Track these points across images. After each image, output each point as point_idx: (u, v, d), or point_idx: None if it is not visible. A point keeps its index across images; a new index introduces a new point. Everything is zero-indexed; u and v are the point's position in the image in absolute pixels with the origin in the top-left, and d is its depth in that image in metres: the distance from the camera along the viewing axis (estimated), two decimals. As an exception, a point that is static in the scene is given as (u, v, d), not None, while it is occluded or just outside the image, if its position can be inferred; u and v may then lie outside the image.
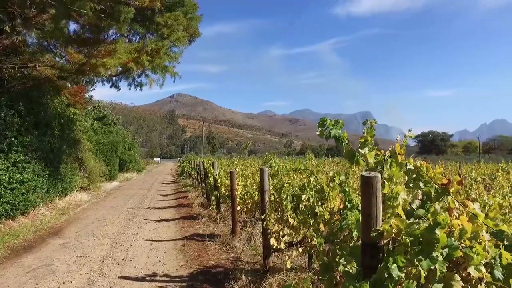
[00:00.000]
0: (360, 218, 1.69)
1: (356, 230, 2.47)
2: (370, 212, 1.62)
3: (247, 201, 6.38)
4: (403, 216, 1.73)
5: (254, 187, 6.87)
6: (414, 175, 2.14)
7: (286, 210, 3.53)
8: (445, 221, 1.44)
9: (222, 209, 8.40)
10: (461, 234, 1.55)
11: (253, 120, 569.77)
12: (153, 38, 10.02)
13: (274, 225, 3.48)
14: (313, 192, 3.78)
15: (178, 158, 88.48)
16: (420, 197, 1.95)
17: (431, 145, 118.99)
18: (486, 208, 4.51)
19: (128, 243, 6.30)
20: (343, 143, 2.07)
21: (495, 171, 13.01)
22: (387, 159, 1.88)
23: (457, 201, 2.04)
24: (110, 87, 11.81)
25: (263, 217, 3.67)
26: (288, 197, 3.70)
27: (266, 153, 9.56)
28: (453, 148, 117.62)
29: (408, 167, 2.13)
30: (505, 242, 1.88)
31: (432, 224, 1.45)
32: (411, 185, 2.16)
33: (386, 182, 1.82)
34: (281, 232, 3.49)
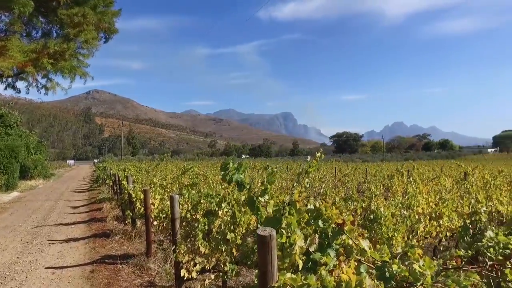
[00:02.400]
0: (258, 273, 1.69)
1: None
2: (266, 269, 1.64)
3: (163, 219, 6.10)
4: (300, 264, 1.78)
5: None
6: (315, 213, 2.24)
7: (197, 238, 3.44)
8: (331, 284, 1.51)
9: (138, 224, 7.93)
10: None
11: (176, 120, 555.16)
12: (58, 38, 8.99)
13: (184, 256, 3.36)
14: (226, 217, 3.76)
15: (95, 160, 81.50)
16: (317, 240, 2.04)
17: (345, 144, 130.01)
18: (382, 219, 4.98)
19: (23, 275, 5.45)
20: (245, 189, 2.06)
21: (393, 172, 14.69)
22: (285, 208, 1.92)
23: (351, 239, 2.19)
24: (6, 88, 10.31)
25: (173, 248, 3.54)
26: (200, 226, 3.61)
27: (185, 163, 9.27)
28: (363, 147, 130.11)
29: (309, 207, 2.21)
30: (387, 274, 2.08)
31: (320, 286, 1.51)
32: (312, 221, 2.26)
33: (284, 231, 1.86)
34: (192, 262, 3.39)
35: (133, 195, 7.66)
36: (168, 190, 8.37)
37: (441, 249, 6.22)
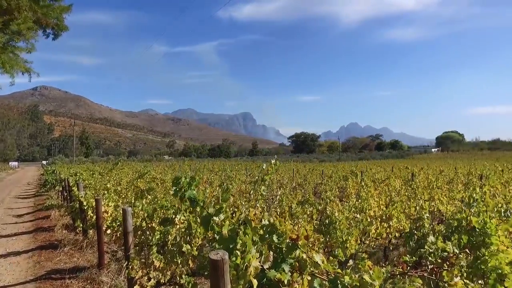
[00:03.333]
0: None
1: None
2: (219, 294, 1.62)
3: (117, 227, 5.84)
4: (255, 284, 1.78)
5: (127, 206, 6.37)
6: (269, 229, 2.26)
7: (152, 252, 3.34)
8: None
9: (91, 232, 7.53)
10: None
11: (133, 119, 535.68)
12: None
13: (138, 271, 3.24)
14: (181, 225, 3.69)
15: (43, 162, 75.95)
16: (271, 258, 2.06)
17: (303, 144, 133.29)
18: (337, 223, 5.15)
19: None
20: (199, 207, 2.03)
21: (348, 173, 15.30)
22: (240, 227, 1.92)
23: (305, 253, 2.24)
24: None
25: (125, 264, 3.40)
26: (154, 239, 3.51)
27: (143, 164, 8.97)
28: (320, 147, 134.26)
29: (264, 222, 2.23)
30: (339, 286, 2.16)
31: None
32: (267, 236, 2.28)
33: (238, 252, 1.85)
34: (146, 277, 3.28)
35: (85, 203, 7.26)
36: (123, 196, 8.05)
37: (391, 248, 6.58)
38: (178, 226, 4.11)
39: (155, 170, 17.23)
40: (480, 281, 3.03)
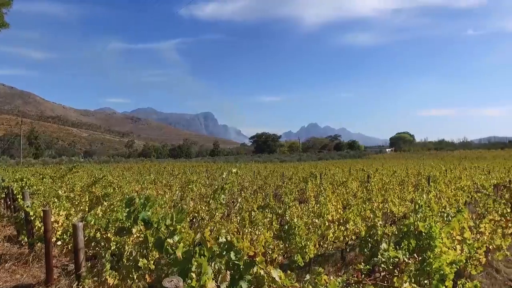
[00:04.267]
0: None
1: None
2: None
3: (69, 239, 5.49)
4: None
5: (80, 215, 6.04)
6: (227, 246, 2.24)
7: (105, 269, 3.17)
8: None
9: (38, 245, 7.01)
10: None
11: (89, 118, 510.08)
12: None
13: (89, 291, 3.07)
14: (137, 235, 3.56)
15: (-18, 164, 69.71)
16: (228, 277, 2.04)
17: (264, 144, 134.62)
18: (296, 229, 5.23)
19: None
20: (153, 228, 1.96)
21: (308, 175, 15.67)
22: (196, 249, 1.88)
23: (263, 269, 2.25)
24: None
25: (76, 284, 3.20)
26: (107, 256, 3.35)
27: (99, 166, 8.57)
28: (281, 148, 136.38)
29: (220, 240, 2.20)
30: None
31: None
32: (224, 253, 2.25)
33: (194, 274, 1.81)
34: (98, 297, 3.12)
35: (31, 213, 6.76)
36: (77, 203, 7.63)
37: (348, 250, 6.81)
38: (135, 236, 3.96)
39: (112, 174, 16.50)
40: (425, 281, 3.24)
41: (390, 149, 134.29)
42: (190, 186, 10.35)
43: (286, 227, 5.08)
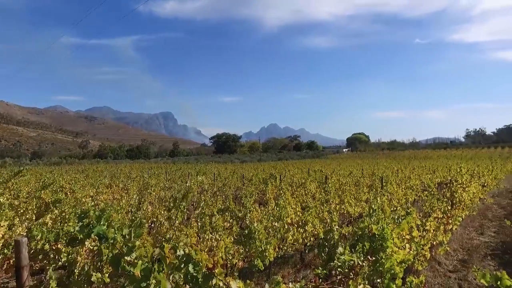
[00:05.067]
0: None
1: None
2: None
3: (9, 254, 5.07)
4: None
5: (26, 225, 5.61)
6: (185, 259, 2.20)
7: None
8: None
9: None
10: None
11: (38, 116, 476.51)
12: None
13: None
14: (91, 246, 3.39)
15: None
16: (187, 292, 2.00)
17: (224, 145, 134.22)
18: (256, 233, 5.25)
19: None
20: (110, 243, 1.87)
21: (268, 176, 15.85)
22: (154, 267, 1.82)
23: (222, 281, 2.23)
24: None
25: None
26: (50, 273, 3.14)
27: (50, 169, 8.05)
28: (242, 148, 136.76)
29: (178, 253, 2.16)
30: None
31: None
32: (182, 266, 2.21)
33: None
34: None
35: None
36: (22, 211, 7.11)
37: (307, 251, 6.97)
38: (88, 246, 3.76)
39: (64, 177, 15.53)
40: (378, 280, 3.41)
41: (347, 149, 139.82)
42: (148, 190, 10.05)
43: (246, 231, 5.10)
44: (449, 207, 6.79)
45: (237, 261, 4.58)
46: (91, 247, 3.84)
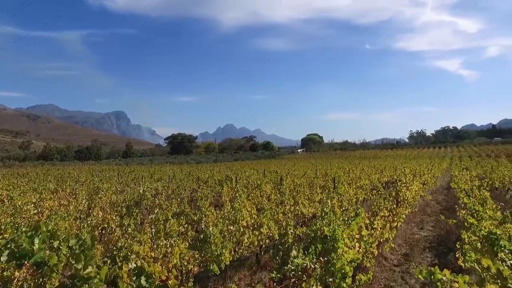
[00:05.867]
0: None
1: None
2: None
3: None
4: None
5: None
6: (137, 271, 2.14)
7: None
8: None
9: None
10: None
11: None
12: None
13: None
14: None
15: None
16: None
17: (180, 145, 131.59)
18: (212, 238, 5.22)
19: None
20: (54, 274, 1.74)
21: (224, 178, 15.83)
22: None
23: (176, 292, 2.21)
24: None
25: None
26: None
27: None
28: (198, 149, 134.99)
29: (130, 265, 2.10)
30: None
31: None
32: (134, 278, 2.15)
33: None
34: None
35: None
36: None
37: (262, 253, 7.06)
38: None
39: (1, 182, 14.24)
40: (330, 279, 3.56)
41: (301, 150, 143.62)
42: (99, 195, 9.56)
43: (202, 236, 5.06)
44: (395, 206, 7.27)
45: (192, 266, 4.52)
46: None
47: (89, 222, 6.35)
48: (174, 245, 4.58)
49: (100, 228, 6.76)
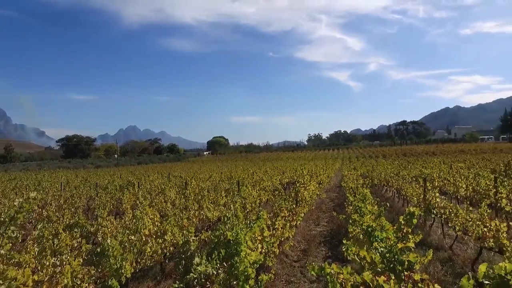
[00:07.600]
0: None
1: None
2: None
3: None
4: None
5: None
6: None
7: None
8: None
9: None
10: None
11: None
12: None
13: None
14: None
15: None
16: None
17: (76, 148, 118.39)
18: (110, 250, 4.86)
19: None
20: None
21: (125, 183, 14.83)
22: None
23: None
24: None
25: None
26: None
27: None
28: (96, 152, 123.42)
29: None
30: None
31: None
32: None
33: None
34: None
35: None
36: None
37: (167, 261, 6.84)
38: None
39: None
40: (235, 282, 3.65)
41: (207, 152, 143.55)
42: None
43: (99, 249, 4.66)
44: (294, 205, 7.83)
45: (87, 285, 4.12)
46: None
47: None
48: (65, 262, 4.11)
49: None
